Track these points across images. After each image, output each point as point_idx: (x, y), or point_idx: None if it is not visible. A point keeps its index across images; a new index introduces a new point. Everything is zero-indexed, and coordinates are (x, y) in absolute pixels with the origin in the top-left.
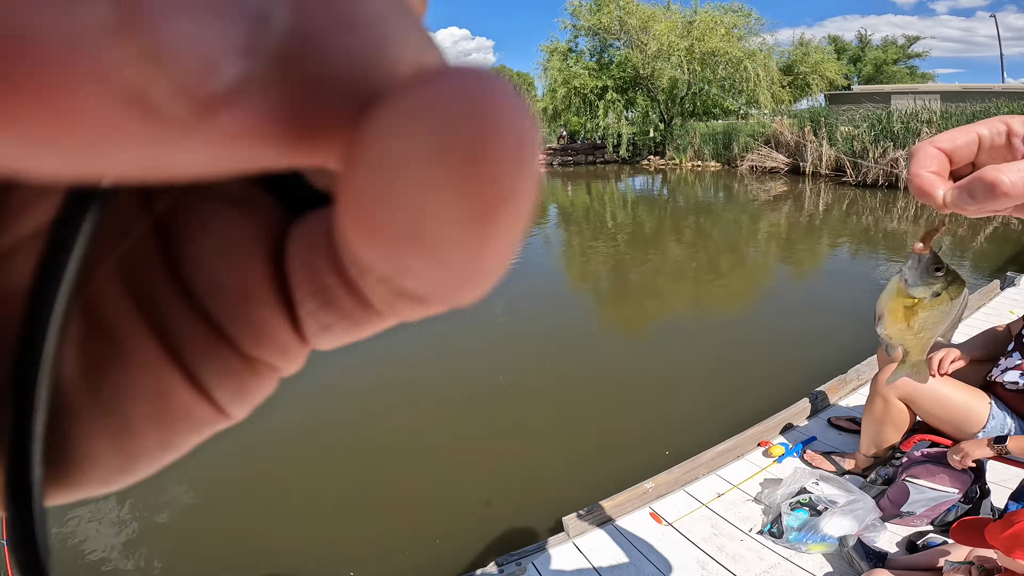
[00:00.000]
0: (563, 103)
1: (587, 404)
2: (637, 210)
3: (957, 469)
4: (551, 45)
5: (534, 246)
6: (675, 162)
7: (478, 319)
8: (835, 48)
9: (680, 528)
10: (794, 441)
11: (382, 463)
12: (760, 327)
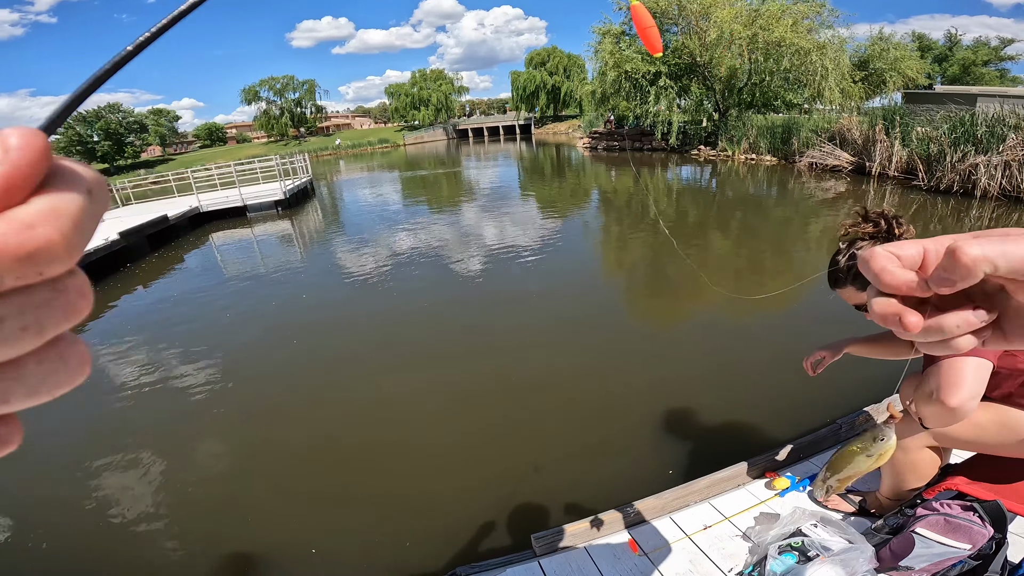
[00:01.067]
0: (612, 87)
1: (598, 406)
2: (682, 200)
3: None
4: (603, 27)
5: (573, 228)
6: (727, 153)
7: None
8: (919, 46)
9: (655, 559)
10: (804, 475)
11: (374, 453)
12: (796, 337)
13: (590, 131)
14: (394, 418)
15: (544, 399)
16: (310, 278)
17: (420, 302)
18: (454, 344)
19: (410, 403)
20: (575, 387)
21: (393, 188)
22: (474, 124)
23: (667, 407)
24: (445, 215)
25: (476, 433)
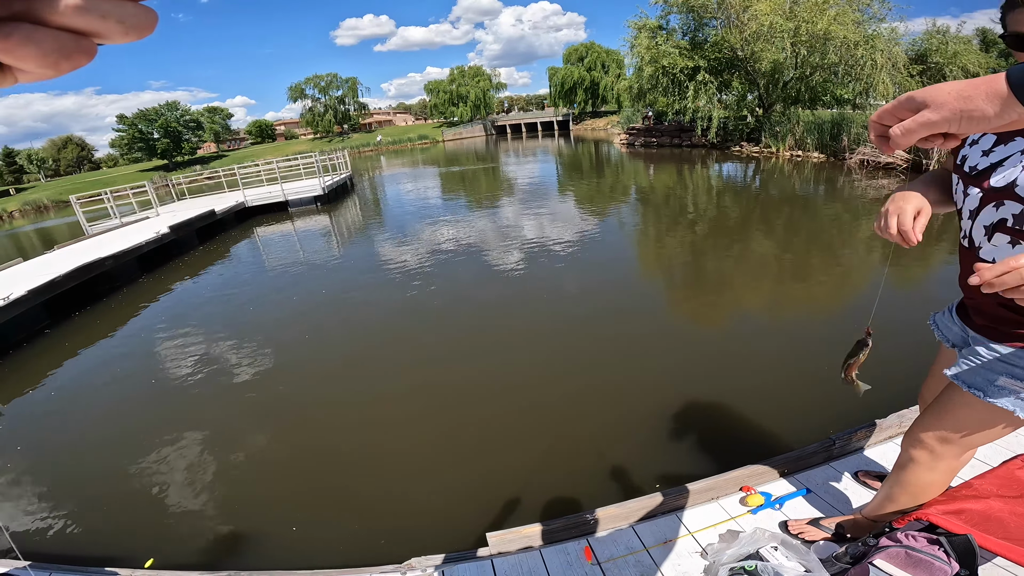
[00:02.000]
0: (649, 82)
1: (586, 408)
2: (723, 199)
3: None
4: (639, 22)
5: (608, 225)
6: (771, 150)
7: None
8: (983, 40)
9: (608, 571)
10: (783, 492)
11: (364, 450)
12: (800, 346)
13: (628, 127)
14: (384, 417)
15: (534, 399)
16: (339, 272)
17: (433, 301)
18: (454, 346)
19: (400, 403)
20: (569, 388)
21: (431, 184)
22: (512, 120)
23: (657, 409)
24: (482, 211)
25: (460, 433)
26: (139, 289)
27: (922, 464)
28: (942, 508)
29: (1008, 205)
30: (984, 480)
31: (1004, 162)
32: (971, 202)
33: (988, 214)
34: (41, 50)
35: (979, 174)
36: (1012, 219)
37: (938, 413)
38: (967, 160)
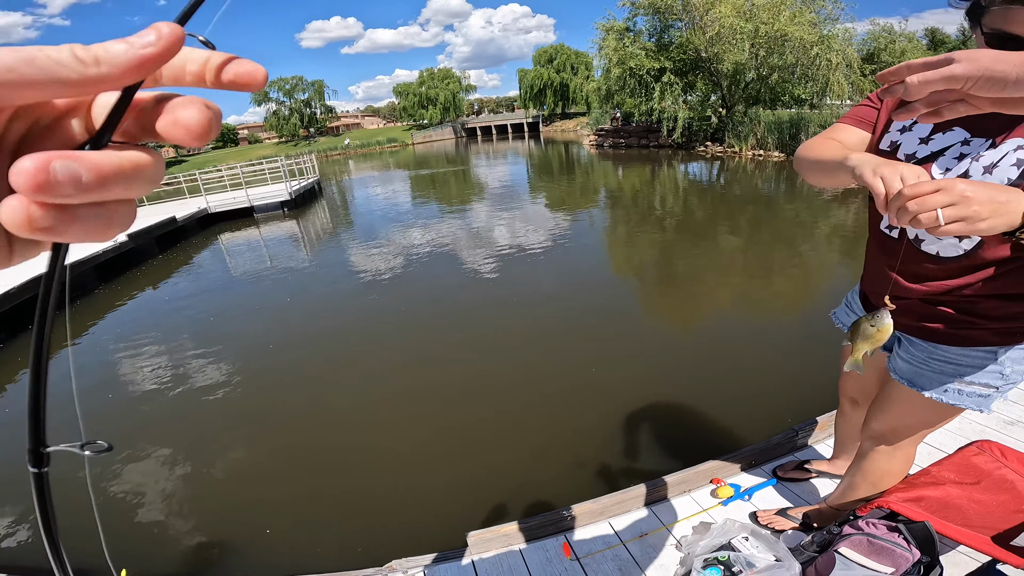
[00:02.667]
0: (617, 84)
1: (557, 407)
2: (689, 198)
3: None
4: (607, 23)
5: (580, 226)
6: (734, 150)
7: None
8: (932, 40)
9: (587, 566)
10: (751, 483)
11: (342, 451)
12: (766, 340)
13: (597, 128)
14: (358, 421)
15: (512, 400)
16: (309, 279)
17: (405, 305)
18: (427, 350)
19: (374, 407)
20: (539, 388)
21: (402, 187)
22: (482, 122)
23: (630, 406)
24: (455, 214)
25: (437, 435)
26: (96, 300)
27: (881, 453)
28: (901, 496)
29: None
30: (941, 467)
31: (945, 152)
32: None
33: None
34: (87, 228)
35: (917, 163)
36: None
37: (887, 408)
38: (901, 147)
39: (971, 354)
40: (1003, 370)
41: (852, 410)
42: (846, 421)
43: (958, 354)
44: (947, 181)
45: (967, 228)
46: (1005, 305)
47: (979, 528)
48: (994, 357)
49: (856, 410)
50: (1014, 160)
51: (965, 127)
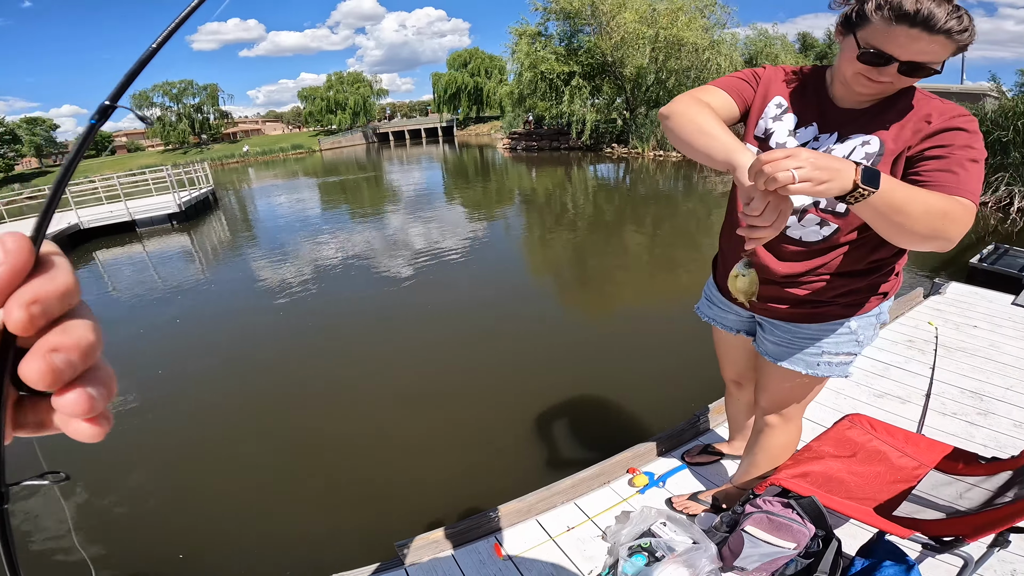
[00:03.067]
0: (529, 87)
1: (475, 412)
2: (598, 198)
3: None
4: (520, 28)
5: (496, 229)
6: (637, 151)
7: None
8: (804, 44)
9: (520, 565)
10: (664, 470)
11: (255, 469)
12: (690, 323)
13: (510, 132)
14: (267, 441)
15: (432, 406)
16: (205, 296)
17: (312, 320)
18: (343, 360)
19: (297, 421)
20: (459, 392)
21: (309, 195)
22: (395, 127)
23: (546, 405)
24: (368, 222)
25: (350, 447)
26: None
27: (774, 427)
28: (790, 472)
29: None
30: (821, 442)
31: (805, 145)
32: None
33: (797, 197)
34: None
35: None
36: (825, 201)
37: (768, 387)
38: (774, 135)
39: (828, 328)
40: (858, 337)
41: (737, 391)
42: (734, 403)
43: (818, 330)
44: (795, 149)
45: (811, 188)
46: (849, 281)
47: (861, 500)
48: (848, 328)
49: (741, 391)
50: (863, 154)
51: (818, 124)
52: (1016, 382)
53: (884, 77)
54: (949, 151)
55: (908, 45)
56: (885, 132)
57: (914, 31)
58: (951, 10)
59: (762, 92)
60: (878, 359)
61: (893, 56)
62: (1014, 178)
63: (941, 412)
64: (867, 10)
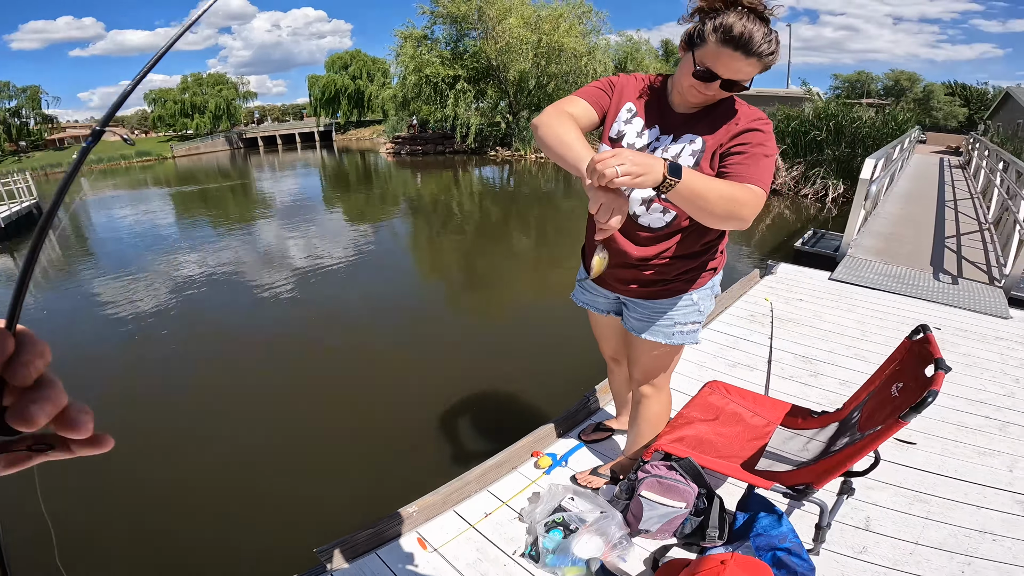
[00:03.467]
0: (413, 91)
1: (381, 412)
2: (484, 200)
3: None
4: (406, 31)
5: (382, 236)
6: (520, 153)
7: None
8: (666, 50)
9: (446, 554)
10: (564, 450)
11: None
12: (576, 312)
13: (394, 136)
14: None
15: (332, 415)
16: (33, 328)
17: (171, 346)
18: (225, 371)
19: (194, 436)
20: (358, 399)
21: (161, 207)
22: (265, 132)
23: (449, 403)
24: (236, 234)
25: (259, 444)
26: None
27: (649, 397)
28: (668, 438)
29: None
30: (689, 409)
31: (649, 145)
32: None
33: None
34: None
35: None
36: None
37: (638, 359)
38: (625, 137)
39: (676, 302)
40: (699, 307)
41: (617, 368)
42: (615, 379)
43: (668, 305)
44: (619, 150)
45: (631, 181)
46: (688, 262)
47: (729, 458)
48: (691, 300)
49: (619, 366)
50: (690, 152)
51: (660, 126)
52: (837, 346)
53: (709, 91)
54: (747, 148)
55: (729, 65)
56: (707, 134)
57: (736, 54)
58: (765, 33)
59: (616, 99)
60: (729, 333)
61: (718, 74)
62: (828, 172)
63: (781, 376)
64: (706, 31)
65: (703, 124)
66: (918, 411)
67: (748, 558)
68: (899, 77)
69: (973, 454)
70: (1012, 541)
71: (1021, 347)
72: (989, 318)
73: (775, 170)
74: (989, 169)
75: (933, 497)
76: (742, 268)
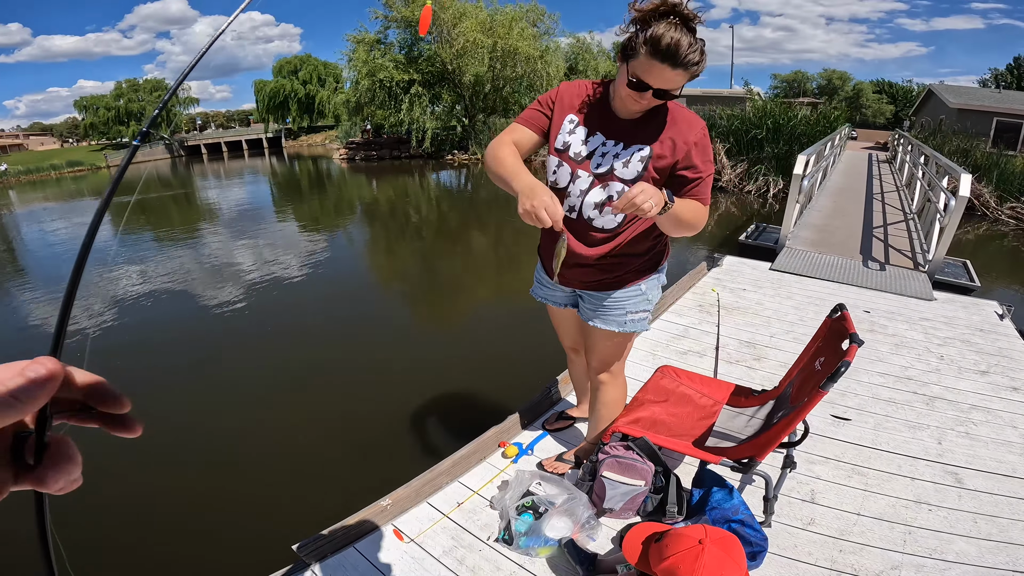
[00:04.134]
0: (367, 96)
1: (350, 411)
2: (442, 205)
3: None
4: (359, 35)
5: (337, 244)
6: (477, 157)
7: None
8: (617, 52)
9: (423, 544)
10: (529, 439)
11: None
12: (535, 310)
13: (347, 142)
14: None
15: (301, 422)
16: None
17: (132, 352)
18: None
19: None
20: (328, 407)
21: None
22: (209, 139)
23: (416, 401)
24: (180, 246)
25: (232, 451)
26: None
27: (605, 383)
28: (625, 420)
29: (612, 185)
30: (644, 392)
31: (595, 151)
32: (582, 183)
33: (596, 193)
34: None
35: (582, 161)
36: (616, 195)
37: (594, 347)
38: (571, 147)
39: (627, 293)
40: (648, 296)
41: (576, 357)
42: (575, 368)
43: (621, 295)
44: (642, 187)
45: (655, 211)
46: (637, 257)
47: (681, 436)
48: (640, 290)
49: (578, 356)
50: (639, 158)
51: (603, 133)
52: (778, 331)
53: (644, 100)
54: (700, 173)
55: (660, 75)
56: (653, 143)
57: (664, 66)
58: (691, 44)
59: (559, 112)
60: (679, 323)
61: (650, 84)
62: (769, 169)
63: (728, 361)
64: (637, 43)
65: (647, 132)
66: (834, 380)
67: (721, 532)
68: (831, 76)
69: (904, 428)
70: (947, 511)
71: (945, 327)
72: (915, 301)
73: (722, 168)
74: (912, 163)
75: (870, 470)
76: (691, 261)
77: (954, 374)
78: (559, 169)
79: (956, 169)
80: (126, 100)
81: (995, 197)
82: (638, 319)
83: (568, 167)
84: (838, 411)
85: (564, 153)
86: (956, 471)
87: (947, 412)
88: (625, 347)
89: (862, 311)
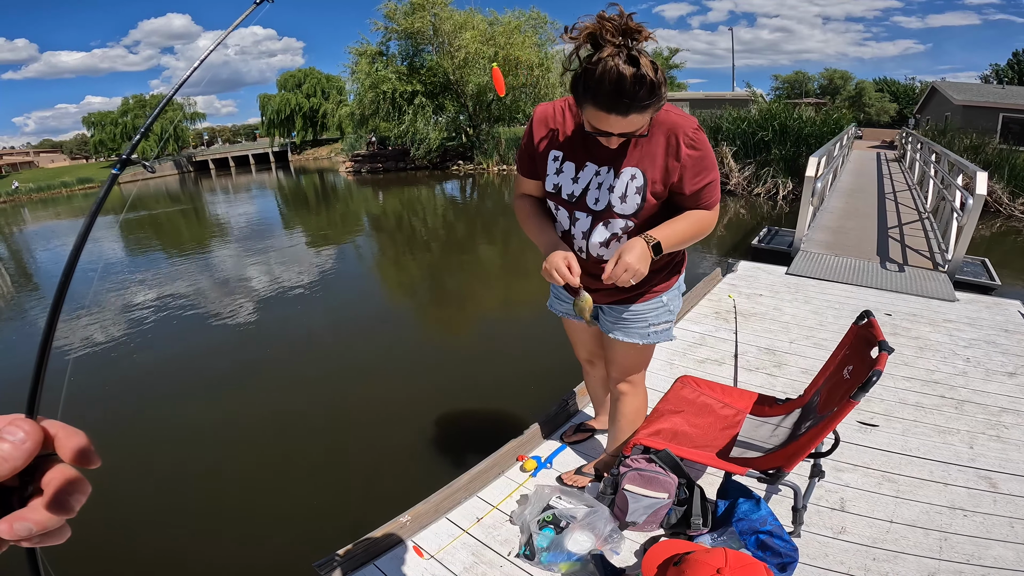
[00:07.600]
0: (371, 108)
1: (368, 427)
2: (448, 215)
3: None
4: (360, 47)
5: (347, 257)
6: (482, 167)
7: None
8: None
9: (443, 560)
10: (548, 452)
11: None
12: (547, 322)
13: (352, 154)
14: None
15: (308, 435)
16: None
17: (153, 366)
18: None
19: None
20: (343, 419)
21: (108, 235)
22: (216, 154)
23: (431, 416)
24: (192, 260)
25: (251, 468)
26: None
27: (627, 394)
28: (646, 432)
29: (613, 223)
30: (664, 403)
31: (589, 185)
32: (582, 225)
33: (600, 233)
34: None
35: (578, 200)
36: (620, 231)
37: (615, 359)
38: (562, 189)
39: (648, 306)
40: (669, 307)
41: (592, 369)
42: (591, 380)
43: (642, 308)
44: (624, 263)
45: (641, 274)
46: (652, 275)
47: (704, 447)
48: (662, 301)
49: (594, 368)
50: (634, 189)
51: (592, 161)
52: (797, 337)
53: (612, 143)
54: (701, 180)
55: (616, 124)
56: (645, 166)
57: (613, 117)
58: (636, 79)
59: (540, 150)
60: (696, 331)
61: (611, 132)
62: (777, 171)
63: (747, 368)
64: (579, 93)
65: (636, 153)
66: (865, 390)
67: (742, 558)
68: (833, 76)
69: (933, 433)
70: (983, 516)
71: (969, 328)
72: (936, 302)
73: (730, 171)
74: (923, 161)
75: (901, 476)
76: (705, 268)
77: (982, 376)
78: (557, 213)
79: (970, 167)
80: (132, 116)
81: (1007, 193)
82: (661, 330)
83: (565, 211)
84: (864, 417)
85: (557, 196)
86: (989, 475)
87: (977, 416)
88: (647, 358)
89: (883, 314)
